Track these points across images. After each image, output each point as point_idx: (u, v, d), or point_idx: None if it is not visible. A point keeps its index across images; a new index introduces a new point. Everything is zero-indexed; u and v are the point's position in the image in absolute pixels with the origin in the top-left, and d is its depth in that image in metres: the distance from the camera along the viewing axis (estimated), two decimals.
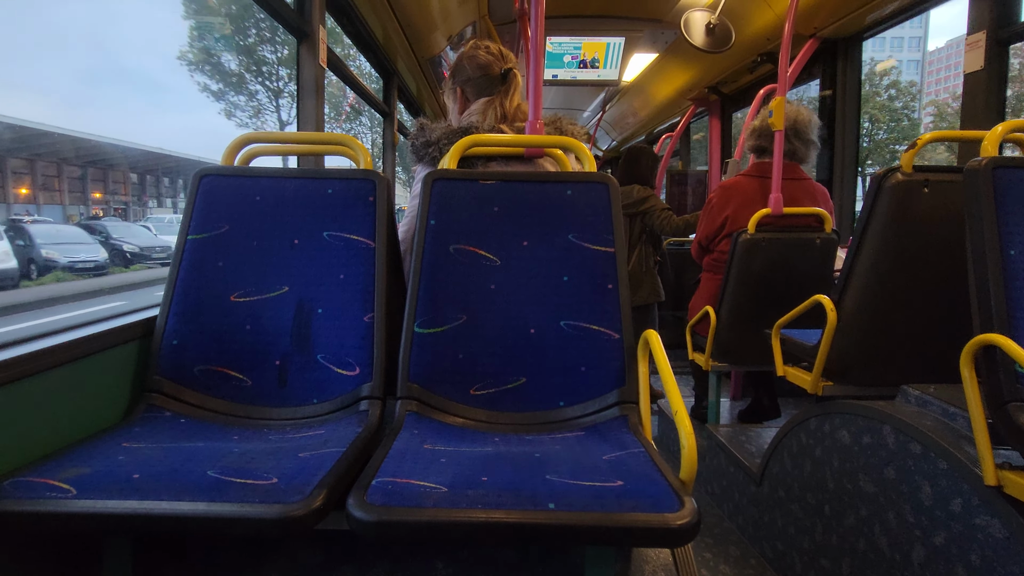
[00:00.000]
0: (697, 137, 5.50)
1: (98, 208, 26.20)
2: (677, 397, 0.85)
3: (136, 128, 70.77)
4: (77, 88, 59.99)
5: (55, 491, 0.73)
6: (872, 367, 1.54)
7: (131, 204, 28.25)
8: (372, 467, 0.80)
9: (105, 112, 56.24)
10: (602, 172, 1.22)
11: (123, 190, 28.51)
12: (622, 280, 1.13)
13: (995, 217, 1.04)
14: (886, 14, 2.43)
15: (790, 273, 2.05)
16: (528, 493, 0.74)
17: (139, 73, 70.67)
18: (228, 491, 0.74)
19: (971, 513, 1.01)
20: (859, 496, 1.30)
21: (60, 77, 58.33)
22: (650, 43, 3.42)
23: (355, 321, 1.11)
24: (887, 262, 1.42)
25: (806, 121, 2.14)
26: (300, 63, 1.88)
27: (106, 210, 26.23)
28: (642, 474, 0.79)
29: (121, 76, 67.42)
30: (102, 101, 55.13)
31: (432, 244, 1.16)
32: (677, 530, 0.68)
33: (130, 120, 59.88)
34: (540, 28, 1.35)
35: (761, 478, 1.76)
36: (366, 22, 2.44)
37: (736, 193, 2.20)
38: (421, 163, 1.38)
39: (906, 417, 1.17)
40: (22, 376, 0.85)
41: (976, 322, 1.04)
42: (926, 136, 1.41)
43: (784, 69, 2.08)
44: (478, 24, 2.99)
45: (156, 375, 1.08)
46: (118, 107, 54.50)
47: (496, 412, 1.09)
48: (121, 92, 71.06)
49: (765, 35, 2.85)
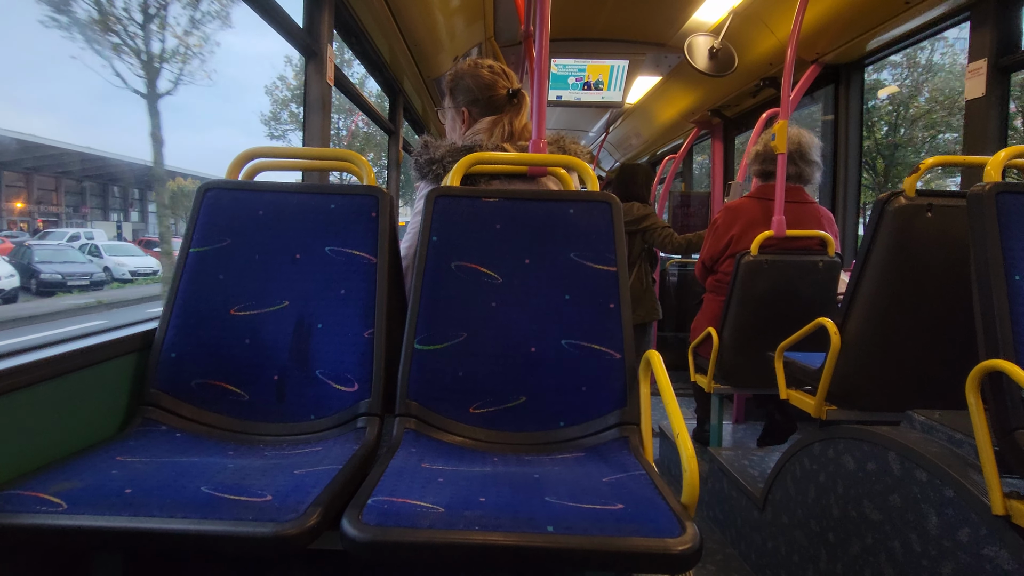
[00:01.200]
0: (700, 159, 5.54)
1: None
2: (679, 419, 0.84)
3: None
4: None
5: (45, 505, 0.72)
6: (876, 392, 1.52)
7: (64, 217, 23.51)
8: (368, 486, 0.79)
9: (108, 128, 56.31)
10: (605, 191, 1.23)
11: (54, 199, 23.74)
12: (624, 299, 1.13)
13: (999, 242, 1.03)
14: (888, 40, 2.46)
15: (793, 296, 2.05)
16: (526, 515, 0.72)
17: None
18: (221, 508, 0.72)
19: (979, 543, 0.99)
20: (864, 524, 1.27)
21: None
22: (653, 66, 3.47)
23: (355, 337, 1.11)
24: (890, 286, 1.42)
25: (808, 144, 2.17)
26: (307, 81, 1.91)
27: (30, 223, 22.25)
28: (643, 497, 0.78)
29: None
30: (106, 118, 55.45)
31: (434, 261, 1.15)
32: (679, 556, 0.66)
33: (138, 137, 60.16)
34: (545, 50, 1.36)
35: (764, 503, 1.73)
36: (373, 42, 2.48)
37: (742, 214, 2.21)
38: (424, 180, 1.38)
39: (911, 443, 1.16)
40: (16, 387, 0.84)
41: (981, 348, 1.03)
42: (929, 161, 1.41)
43: (787, 93, 2.10)
44: (484, 46, 3.03)
45: (153, 388, 1.07)
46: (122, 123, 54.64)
47: (495, 431, 1.08)
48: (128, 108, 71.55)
49: (767, 60, 2.88)
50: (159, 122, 12.08)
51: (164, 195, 14.31)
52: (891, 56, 2.72)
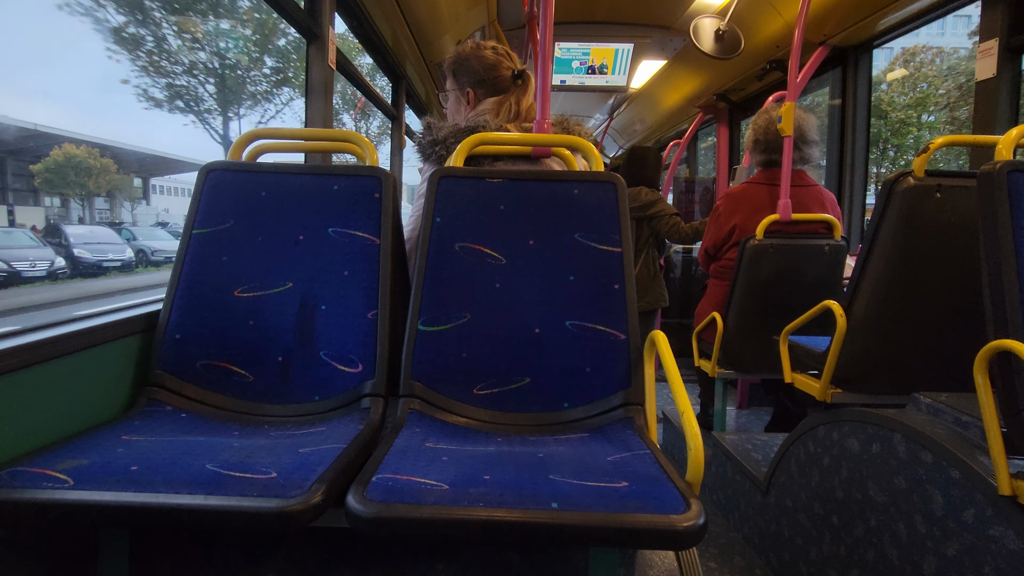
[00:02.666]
0: (705, 145, 5.50)
1: None
2: (684, 398, 0.83)
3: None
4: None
5: (52, 482, 0.72)
6: (882, 374, 1.51)
7: None
8: (373, 464, 0.79)
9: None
10: (609, 171, 1.21)
11: None
12: (628, 280, 1.12)
13: (1010, 221, 1.02)
14: (896, 22, 2.42)
15: (798, 280, 2.03)
16: (531, 492, 0.72)
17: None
18: (226, 485, 0.72)
19: (985, 524, 0.99)
20: (868, 506, 1.27)
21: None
22: (659, 50, 3.42)
23: (358, 318, 1.10)
24: (898, 267, 1.41)
25: (808, 125, 2.15)
26: (309, 64, 1.89)
27: None
28: (648, 476, 0.78)
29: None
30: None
31: (437, 242, 1.15)
32: (683, 532, 0.66)
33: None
34: (549, 31, 1.34)
35: (768, 487, 1.73)
36: (375, 25, 2.45)
37: (744, 201, 2.19)
38: (427, 162, 1.37)
39: (917, 425, 1.15)
40: (22, 366, 0.84)
41: (990, 328, 1.02)
42: (938, 140, 1.39)
43: (794, 76, 2.07)
44: (487, 29, 3.00)
45: (158, 369, 1.07)
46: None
47: (499, 412, 1.08)
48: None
49: (774, 42, 2.84)
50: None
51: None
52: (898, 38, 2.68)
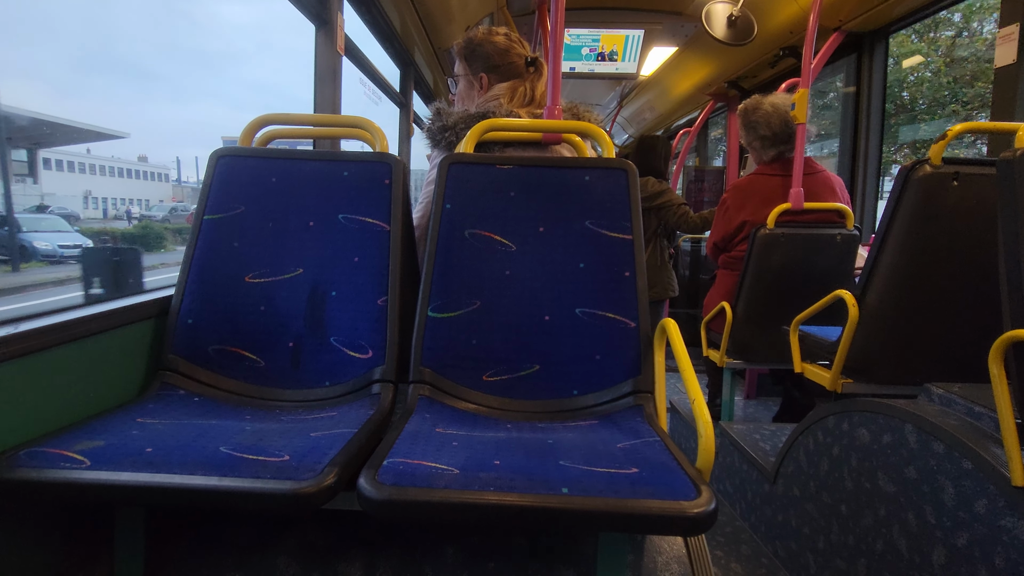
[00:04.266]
0: (715, 134, 5.44)
1: None
2: (695, 385, 0.83)
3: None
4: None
5: (69, 462, 0.73)
6: (894, 365, 1.50)
7: None
8: (384, 448, 0.79)
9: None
10: (620, 158, 1.20)
11: None
12: (639, 268, 1.11)
13: None
14: (915, 6, 2.37)
15: (809, 270, 2.01)
16: (541, 478, 0.72)
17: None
18: (240, 467, 0.73)
19: (996, 515, 0.98)
20: (877, 496, 1.27)
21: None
22: (669, 36, 3.37)
23: (369, 304, 1.11)
24: (913, 256, 1.39)
25: None
26: (318, 50, 1.88)
27: None
28: (658, 462, 0.78)
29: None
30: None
31: (447, 228, 1.14)
32: (694, 518, 0.66)
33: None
34: (560, 17, 1.33)
35: (775, 477, 1.73)
36: (384, 11, 2.43)
37: (753, 193, 2.15)
38: (437, 148, 1.37)
39: (929, 416, 1.14)
40: (39, 349, 0.85)
41: (1007, 318, 1.01)
42: (956, 127, 1.37)
43: (808, 62, 2.03)
44: (496, 15, 2.97)
45: (170, 354, 1.08)
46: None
47: (509, 399, 1.08)
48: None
49: (788, 28, 2.79)
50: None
51: None
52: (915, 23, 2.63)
